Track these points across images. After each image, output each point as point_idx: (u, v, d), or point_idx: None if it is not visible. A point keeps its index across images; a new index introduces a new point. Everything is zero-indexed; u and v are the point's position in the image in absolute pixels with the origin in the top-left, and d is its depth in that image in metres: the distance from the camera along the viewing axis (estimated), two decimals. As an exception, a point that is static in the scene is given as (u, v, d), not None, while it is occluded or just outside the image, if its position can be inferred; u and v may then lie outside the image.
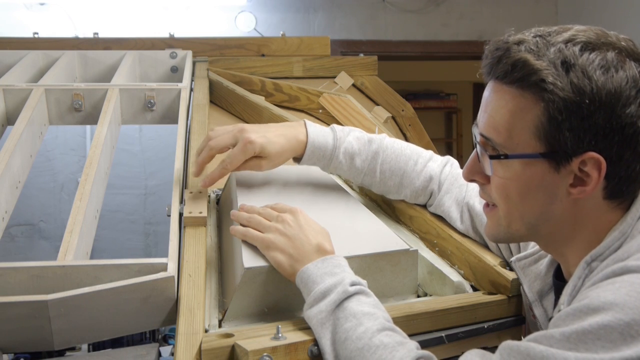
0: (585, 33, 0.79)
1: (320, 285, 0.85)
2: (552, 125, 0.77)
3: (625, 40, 0.79)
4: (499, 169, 0.83)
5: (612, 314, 0.67)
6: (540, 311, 0.93)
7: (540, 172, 0.80)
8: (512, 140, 0.80)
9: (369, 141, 1.14)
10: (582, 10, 3.90)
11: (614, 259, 0.78)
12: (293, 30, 3.69)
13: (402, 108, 1.94)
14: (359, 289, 0.85)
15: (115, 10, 3.45)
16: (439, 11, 3.97)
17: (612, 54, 0.76)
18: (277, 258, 0.91)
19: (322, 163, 1.12)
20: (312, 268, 0.88)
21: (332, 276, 0.86)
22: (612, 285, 0.70)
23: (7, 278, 0.90)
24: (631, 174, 0.79)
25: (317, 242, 0.92)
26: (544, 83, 0.76)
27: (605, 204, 0.81)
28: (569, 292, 0.81)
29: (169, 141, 3.42)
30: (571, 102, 0.75)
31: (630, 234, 0.79)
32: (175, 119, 1.51)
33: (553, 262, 0.94)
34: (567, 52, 0.76)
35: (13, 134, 1.26)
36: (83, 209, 1.05)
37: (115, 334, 0.92)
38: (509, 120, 0.80)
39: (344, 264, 0.90)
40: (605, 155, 0.76)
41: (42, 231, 3.50)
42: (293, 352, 0.80)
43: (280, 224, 0.94)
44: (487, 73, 0.83)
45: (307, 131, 1.10)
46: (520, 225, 0.85)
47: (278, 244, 0.92)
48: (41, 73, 1.73)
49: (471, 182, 0.91)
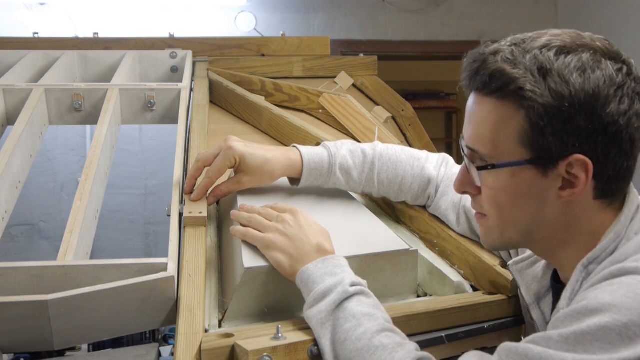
0: (560, 37, 0.79)
1: (320, 286, 0.85)
2: (535, 131, 0.77)
3: (600, 41, 0.80)
4: (488, 180, 0.83)
5: (609, 315, 0.67)
6: (537, 314, 0.93)
7: (528, 178, 0.80)
8: (497, 150, 0.81)
9: (363, 153, 1.14)
10: (582, 10, 3.90)
11: (611, 261, 0.78)
12: (293, 30, 3.69)
13: (402, 108, 1.94)
14: (359, 289, 0.85)
15: (115, 10, 3.45)
16: (439, 11, 3.97)
17: (587, 55, 0.77)
18: (277, 258, 0.91)
19: (321, 181, 1.11)
20: (312, 268, 0.88)
21: (333, 276, 0.86)
22: (610, 286, 0.71)
23: (7, 278, 0.90)
24: (619, 171, 0.79)
25: (317, 242, 0.91)
26: (523, 91, 0.77)
27: (596, 204, 0.81)
28: (568, 296, 0.81)
29: (169, 141, 3.42)
30: (551, 107, 0.76)
31: (626, 236, 0.80)
32: (175, 119, 1.51)
33: (550, 265, 0.94)
34: (543, 58, 0.77)
35: (13, 134, 1.26)
36: (83, 209, 1.05)
37: (115, 334, 0.92)
38: (493, 131, 0.80)
39: (344, 264, 0.90)
40: (591, 156, 0.77)
41: (42, 231, 3.50)
42: (293, 352, 0.80)
43: (281, 224, 0.94)
44: (467, 85, 0.84)
45: (301, 152, 1.10)
46: (513, 232, 0.85)
47: (278, 244, 0.92)
48: (41, 73, 1.72)
49: (463, 194, 0.91)
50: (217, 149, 1.07)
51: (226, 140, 1.07)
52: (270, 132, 1.56)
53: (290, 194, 1.12)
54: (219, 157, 1.06)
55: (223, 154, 1.05)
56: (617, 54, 0.79)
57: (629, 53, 0.84)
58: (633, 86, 0.78)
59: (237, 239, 0.97)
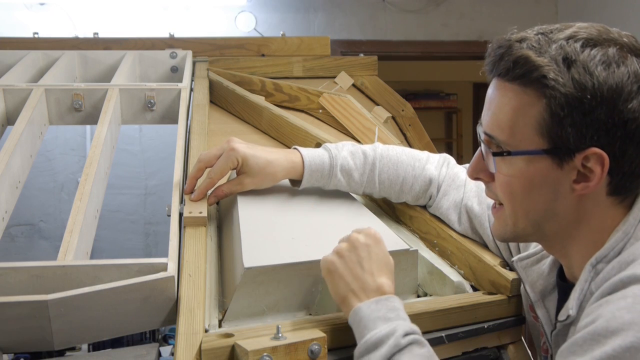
0: (587, 30, 0.79)
1: (372, 332, 0.80)
2: (554, 121, 0.77)
3: (627, 37, 0.79)
4: (502, 167, 0.83)
5: (632, 334, 0.66)
6: (542, 312, 0.93)
7: (543, 168, 0.80)
8: (515, 137, 0.80)
9: (364, 154, 1.13)
10: (582, 10, 3.90)
11: (619, 261, 0.77)
12: (293, 30, 3.69)
13: (402, 108, 1.94)
14: (413, 339, 0.80)
15: (115, 10, 3.45)
16: (439, 11, 3.97)
17: (614, 49, 0.77)
18: (336, 284, 0.87)
19: (322, 183, 1.11)
20: (365, 309, 0.83)
21: (386, 322, 0.81)
22: (624, 300, 0.70)
23: (7, 278, 0.90)
24: (635, 169, 0.79)
25: (380, 280, 0.86)
26: (546, 79, 0.76)
27: (609, 200, 0.81)
28: (577, 297, 0.81)
29: (169, 141, 3.42)
30: (573, 97, 0.75)
31: (634, 235, 0.79)
32: (175, 119, 1.51)
33: (556, 262, 0.94)
34: (569, 49, 0.76)
35: (13, 134, 1.26)
36: (83, 209, 1.05)
37: (115, 334, 0.92)
38: (512, 118, 0.80)
39: (399, 307, 0.84)
40: (608, 151, 0.76)
41: (42, 231, 3.50)
42: (293, 352, 0.80)
43: (350, 247, 0.89)
44: (490, 71, 0.84)
45: (302, 154, 1.09)
46: (525, 223, 0.85)
47: (339, 270, 0.87)
48: (41, 73, 1.72)
49: (476, 180, 0.91)
50: (219, 150, 1.06)
51: (229, 141, 1.06)
52: (270, 132, 1.56)
53: (291, 195, 1.12)
54: (222, 158, 1.05)
55: (226, 155, 1.05)
56: None
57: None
58: None
59: (237, 238, 0.97)
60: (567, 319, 0.82)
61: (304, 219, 1.06)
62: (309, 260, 0.93)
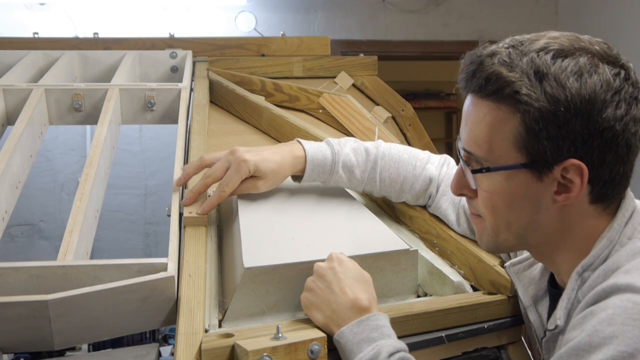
0: (558, 40, 0.78)
1: (358, 357, 0.80)
2: (530, 135, 0.77)
3: (598, 44, 0.79)
4: (483, 182, 0.83)
5: (613, 348, 0.67)
6: (534, 317, 0.93)
7: (523, 182, 0.80)
8: (493, 153, 0.80)
9: (366, 151, 1.13)
10: (582, 10, 3.90)
11: (604, 269, 0.78)
12: (293, 30, 3.69)
13: (402, 108, 1.94)
14: (398, 357, 0.80)
15: (115, 10, 3.45)
16: (439, 11, 3.97)
17: (585, 59, 0.76)
18: (315, 318, 0.87)
19: (323, 178, 1.11)
20: (347, 333, 0.83)
21: (369, 343, 0.81)
22: (605, 312, 0.70)
23: (7, 278, 0.90)
24: (615, 176, 0.79)
25: (354, 296, 0.86)
26: (518, 94, 0.76)
27: (591, 209, 0.81)
28: (564, 306, 0.81)
29: (169, 141, 3.42)
30: (547, 111, 0.75)
31: (619, 241, 0.79)
32: (175, 119, 1.51)
33: (547, 268, 0.94)
34: (539, 62, 0.76)
35: (13, 134, 1.26)
36: (83, 209, 1.05)
37: (115, 334, 0.92)
38: (488, 134, 0.80)
39: (382, 323, 0.84)
40: (586, 161, 0.76)
41: (42, 231, 3.50)
42: (293, 352, 0.80)
43: (318, 278, 0.90)
44: (463, 87, 0.84)
45: (304, 148, 1.08)
46: (508, 235, 0.85)
47: (314, 302, 0.88)
48: (41, 73, 1.72)
49: (460, 196, 0.91)
50: (225, 163, 1.04)
51: (233, 152, 1.04)
52: (270, 132, 1.56)
53: (291, 194, 1.12)
54: (233, 170, 1.03)
55: (236, 167, 1.02)
56: (615, 58, 0.78)
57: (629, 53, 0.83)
58: (630, 91, 0.77)
59: (237, 238, 0.97)
60: (555, 328, 0.83)
61: (303, 219, 1.06)
62: (309, 260, 0.93)
